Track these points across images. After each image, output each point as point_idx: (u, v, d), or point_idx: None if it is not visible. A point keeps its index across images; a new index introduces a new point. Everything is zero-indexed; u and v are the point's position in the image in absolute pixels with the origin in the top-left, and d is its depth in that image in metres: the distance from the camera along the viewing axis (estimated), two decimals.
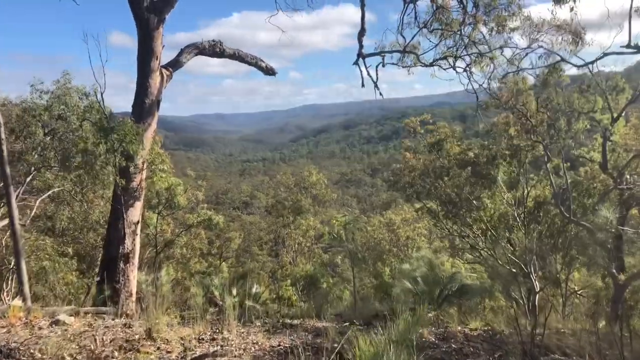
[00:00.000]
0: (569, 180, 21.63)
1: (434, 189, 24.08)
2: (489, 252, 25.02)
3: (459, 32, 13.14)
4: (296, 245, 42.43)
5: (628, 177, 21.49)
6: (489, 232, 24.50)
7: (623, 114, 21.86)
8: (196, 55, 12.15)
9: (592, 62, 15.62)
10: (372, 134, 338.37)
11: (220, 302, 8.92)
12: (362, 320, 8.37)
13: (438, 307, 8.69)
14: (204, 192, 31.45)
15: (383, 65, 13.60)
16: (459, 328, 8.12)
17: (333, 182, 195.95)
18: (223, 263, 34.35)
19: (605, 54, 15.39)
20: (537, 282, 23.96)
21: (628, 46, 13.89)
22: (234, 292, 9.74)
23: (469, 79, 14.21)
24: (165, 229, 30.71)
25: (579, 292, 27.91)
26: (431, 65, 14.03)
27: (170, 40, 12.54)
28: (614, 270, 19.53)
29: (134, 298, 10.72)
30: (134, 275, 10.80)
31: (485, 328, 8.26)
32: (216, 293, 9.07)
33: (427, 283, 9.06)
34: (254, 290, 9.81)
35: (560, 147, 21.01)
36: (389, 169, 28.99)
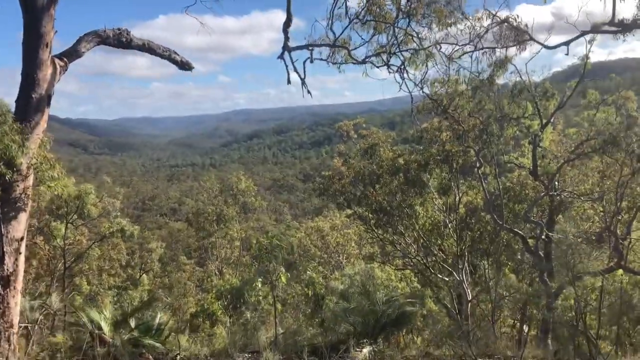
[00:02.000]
0: (500, 187, 21.41)
1: (364, 197, 23.26)
2: (421, 261, 24.51)
3: (393, 26, 12.27)
4: (223, 254, 40.66)
5: (557, 183, 21.54)
6: (421, 240, 23.98)
7: (552, 120, 21.95)
8: (98, 44, 10.53)
9: (567, 43, 14.82)
10: (304, 139, 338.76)
11: (110, 340, 7.43)
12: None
13: (374, 341, 7.64)
14: (121, 200, 29.24)
15: (311, 61, 12.49)
16: None
17: (265, 187, 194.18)
18: (144, 275, 32.13)
19: (584, 33, 14.63)
20: (468, 290, 23.67)
21: (611, 23, 13.14)
22: (132, 324, 8.21)
23: (403, 79, 13.38)
24: (79, 240, 28.33)
25: (507, 297, 28.03)
26: (363, 62, 13.06)
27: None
28: (546, 278, 19.40)
29: (15, 329, 8.99)
30: (17, 302, 9.07)
31: None
32: (105, 328, 7.54)
33: (361, 311, 7.98)
34: (156, 321, 8.33)
35: (492, 152, 20.71)
36: (318, 177, 28.04)
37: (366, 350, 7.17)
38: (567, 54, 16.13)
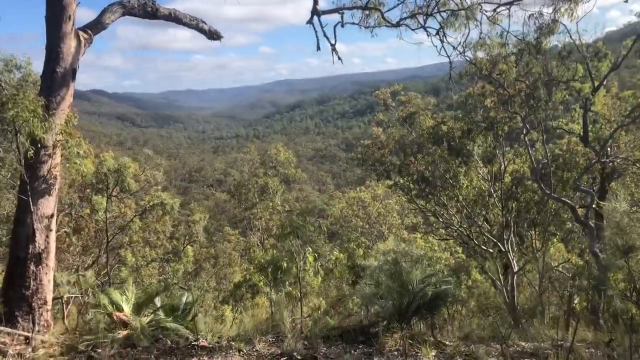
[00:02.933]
0: (548, 154, 20.39)
1: (405, 166, 22.60)
2: (465, 231, 23.81)
3: None
4: (264, 225, 40.82)
5: (609, 150, 20.35)
6: (465, 210, 23.25)
7: (604, 83, 20.62)
8: (122, 15, 10.25)
9: None
10: (346, 108, 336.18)
11: (132, 322, 7.26)
12: (308, 347, 6.84)
13: (406, 323, 7.22)
14: (163, 173, 29.46)
15: (342, 25, 11.88)
16: (433, 354, 6.68)
17: (307, 158, 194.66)
18: (188, 247, 32.54)
19: None
20: (514, 261, 22.92)
21: None
22: (157, 303, 8.02)
23: (442, 42, 12.57)
24: (124, 212, 28.80)
25: (556, 268, 27.13)
26: (398, 25, 12.31)
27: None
28: (596, 249, 18.49)
29: (49, 306, 9.00)
30: (50, 279, 9.07)
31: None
32: (126, 309, 7.36)
33: (392, 293, 7.54)
34: (183, 299, 8.11)
35: (540, 118, 19.64)
36: (358, 146, 27.41)
37: (397, 335, 6.79)
38: (626, 1, 14.79)
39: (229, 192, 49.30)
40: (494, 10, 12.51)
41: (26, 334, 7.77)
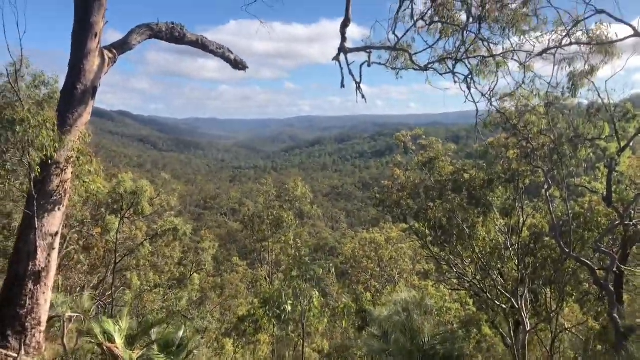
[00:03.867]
0: (569, 211, 19.84)
1: (423, 211, 22.16)
2: (479, 284, 23.14)
3: (462, 30, 11.26)
4: (274, 259, 40.30)
5: (633, 212, 19.76)
6: (480, 262, 22.64)
7: (631, 144, 20.18)
8: (149, 37, 10.23)
9: None
10: (366, 148, 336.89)
11: (122, 356, 6.88)
12: None
13: None
14: (177, 198, 29.34)
15: (369, 65, 11.71)
16: None
17: (323, 194, 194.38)
18: (195, 274, 32.13)
19: None
20: (527, 319, 22.14)
21: None
22: (153, 336, 7.64)
23: (469, 89, 12.31)
24: (135, 234, 28.65)
25: (569, 329, 26.20)
26: (426, 68, 12.13)
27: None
28: (615, 314, 17.75)
29: (42, 327, 8.68)
30: (47, 299, 8.78)
31: None
32: (118, 340, 6.98)
33: (402, 351, 7.08)
34: (179, 334, 7.70)
35: (562, 174, 19.20)
36: (376, 187, 27.06)
37: None
38: None
39: (241, 222, 49.00)
40: (526, 58, 12.25)
41: (14, 355, 7.44)
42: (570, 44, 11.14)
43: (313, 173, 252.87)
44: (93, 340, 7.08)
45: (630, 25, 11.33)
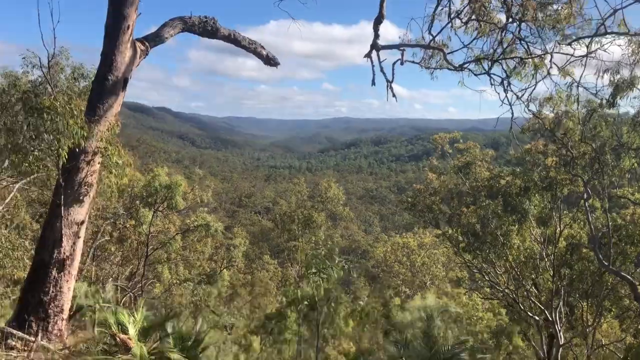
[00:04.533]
0: (610, 223, 19.09)
1: (456, 217, 21.69)
2: (512, 294, 22.52)
3: (501, 30, 10.86)
4: (304, 258, 40.17)
5: None
6: (513, 271, 22.02)
7: None
8: (182, 31, 10.22)
9: None
10: (402, 152, 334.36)
11: (134, 347, 6.82)
12: None
13: None
14: (211, 194, 29.53)
15: (402, 63, 11.43)
16: None
17: (357, 196, 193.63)
18: (224, 270, 32.31)
19: None
20: (561, 332, 21.44)
21: None
22: (168, 329, 7.57)
23: (506, 92, 11.87)
24: (168, 228, 28.95)
25: (606, 345, 25.27)
26: (461, 68, 11.75)
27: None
28: None
29: (65, 315, 8.74)
30: (70, 287, 8.84)
31: None
32: (132, 331, 6.93)
33: (419, 356, 6.81)
34: (197, 328, 7.61)
35: (604, 184, 18.49)
36: (409, 190, 26.72)
37: None
38: None
39: (273, 220, 49.10)
40: (566, 62, 11.75)
41: (33, 339, 7.49)
42: (605, 33, 10.43)
43: (348, 175, 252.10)
44: (106, 331, 7.06)
45: None
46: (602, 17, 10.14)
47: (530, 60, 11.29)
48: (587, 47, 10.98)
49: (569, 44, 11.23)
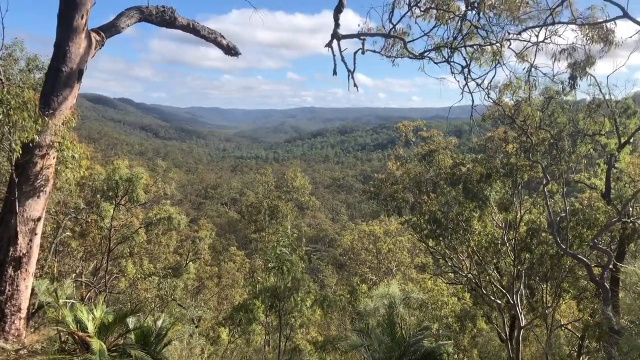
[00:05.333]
0: (567, 207, 19.65)
1: (418, 205, 21.97)
2: (474, 278, 22.99)
3: (460, 18, 10.99)
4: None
5: (631, 209, 19.54)
6: (476, 257, 22.48)
7: (631, 141, 19.94)
8: (139, 21, 9.99)
9: None
10: (368, 141, 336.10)
11: (93, 345, 6.70)
12: None
13: None
14: (174, 186, 29.13)
15: (363, 52, 11.48)
16: None
17: (324, 185, 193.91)
18: (190, 263, 32.01)
19: None
20: (522, 314, 22.02)
21: None
22: (130, 325, 7.46)
23: (466, 80, 12.04)
24: (131, 222, 28.46)
25: (565, 325, 26.09)
26: (421, 57, 11.88)
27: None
28: (610, 312, 17.59)
29: (23, 314, 8.52)
30: (27, 285, 8.62)
31: None
32: (91, 328, 6.81)
33: (381, 343, 6.90)
34: (159, 323, 7.53)
35: (561, 170, 18.99)
36: (371, 180, 26.88)
37: None
38: None
39: (239, 212, 48.87)
40: (522, 49, 11.98)
41: None
42: (553, 22, 10.73)
43: (315, 164, 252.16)
44: (64, 329, 6.93)
45: (619, 6, 10.90)
46: (550, 7, 10.38)
47: (489, 47, 11.47)
48: (536, 36, 11.24)
49: (525, 31, 11.47)
